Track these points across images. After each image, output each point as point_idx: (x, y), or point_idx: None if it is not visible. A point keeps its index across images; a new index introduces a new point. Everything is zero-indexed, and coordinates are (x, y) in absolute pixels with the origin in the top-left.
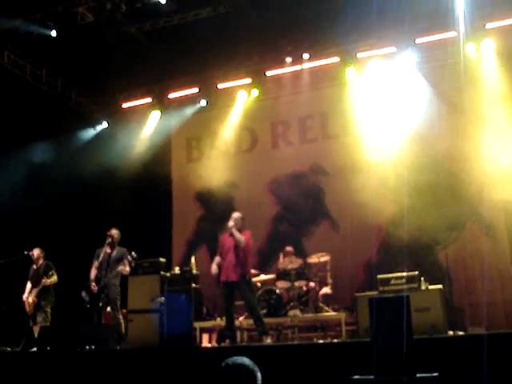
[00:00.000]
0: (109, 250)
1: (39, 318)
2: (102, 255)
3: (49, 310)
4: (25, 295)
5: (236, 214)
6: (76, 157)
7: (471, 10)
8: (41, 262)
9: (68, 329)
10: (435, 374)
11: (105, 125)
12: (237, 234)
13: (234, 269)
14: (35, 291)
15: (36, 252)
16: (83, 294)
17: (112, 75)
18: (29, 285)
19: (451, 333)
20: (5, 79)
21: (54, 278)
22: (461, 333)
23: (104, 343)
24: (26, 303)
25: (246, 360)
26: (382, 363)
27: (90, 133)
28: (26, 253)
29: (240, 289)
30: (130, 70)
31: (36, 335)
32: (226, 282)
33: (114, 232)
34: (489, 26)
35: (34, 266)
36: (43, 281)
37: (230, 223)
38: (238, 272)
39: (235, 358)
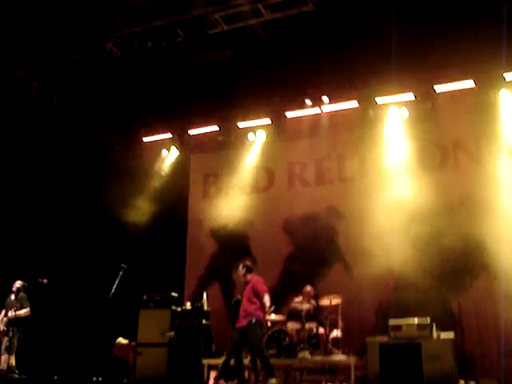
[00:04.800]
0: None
1: (3, 347)
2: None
3: (15, 341)
4: None
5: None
6: (95, 187)
7: (490, 59)
8: (19, 294)
9: (76, 359)
10: None
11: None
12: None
13: (247, 315)
14: (5, 320)
15: (18, 284)
16: None
17: (135, 109)
18: (3, 313)
19: (462, 382)
20: (31, 108)
21: (26, 311)
22: (472, 382)
23: (112, 375)
24: None
25: None
26: None
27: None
28: (40, 280)
29: (249, 332)
30: (153, 104)
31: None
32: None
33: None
34: (507, 76)
35: (12, 297)
36: (14, 313)
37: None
38: (248, 318)
39: None
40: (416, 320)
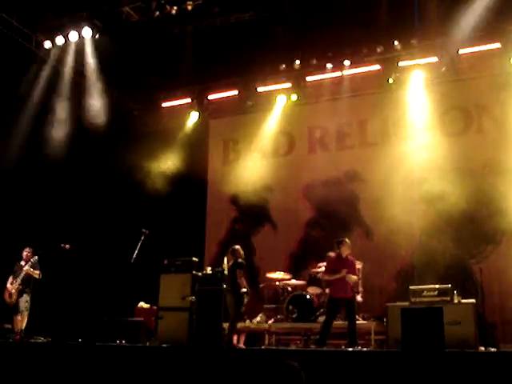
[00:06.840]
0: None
1: (22, 307)
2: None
3: (28, 299)
4: (8, 285)
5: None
6: (115, 153)
7: None
8: (30, 260)
9: (100, 322)
10: None
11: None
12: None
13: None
14: (19, 279)
15: (27, 252)
16: None
17: (153, 74)
18: (11, 279)
19: (482, 348)
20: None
21: (38, 272)
22: (492, 349)
23: (134, 338)
24: (8, 294)
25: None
26: (412, 374)
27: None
28: (62, 245)
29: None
30: (172, 69)
31: (19, 325)
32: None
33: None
34: None
35: (22, 263)
36: (26, 268)
37: None
38: (352, 291)
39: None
40: (437, 285)
